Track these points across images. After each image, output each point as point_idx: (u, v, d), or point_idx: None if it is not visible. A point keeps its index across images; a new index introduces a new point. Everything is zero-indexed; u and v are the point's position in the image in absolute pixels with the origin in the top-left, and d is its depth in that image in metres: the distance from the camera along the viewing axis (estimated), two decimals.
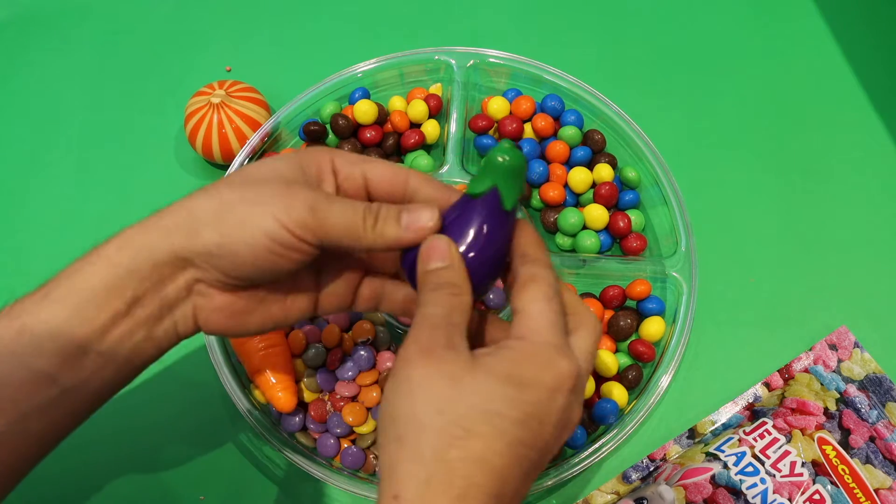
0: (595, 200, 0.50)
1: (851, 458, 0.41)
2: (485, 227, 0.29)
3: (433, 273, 0.29)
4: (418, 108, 0.53)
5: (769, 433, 0.42)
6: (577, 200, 0.51)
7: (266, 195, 0.29)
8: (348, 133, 0.52)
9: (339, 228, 0.29)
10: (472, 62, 0.54)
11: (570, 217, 0.49)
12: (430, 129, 0.53)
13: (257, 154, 0.52)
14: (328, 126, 0.53)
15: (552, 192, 0.50)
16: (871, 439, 0.43)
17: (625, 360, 0.46)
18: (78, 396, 0.30)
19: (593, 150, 0.52)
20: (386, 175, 0.32)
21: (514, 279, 0.29)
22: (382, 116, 0.53)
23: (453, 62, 0.54)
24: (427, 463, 0.25)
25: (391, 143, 0.52)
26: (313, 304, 0.34)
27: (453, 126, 0.52)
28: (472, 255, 0.29)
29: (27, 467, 0.31)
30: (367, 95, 0.54)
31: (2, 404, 0.28)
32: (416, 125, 0.54)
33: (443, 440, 0.25)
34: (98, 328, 0.29)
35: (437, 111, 0.54)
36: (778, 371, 0.47)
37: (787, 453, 0.41)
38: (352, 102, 0.54)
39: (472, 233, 0.29)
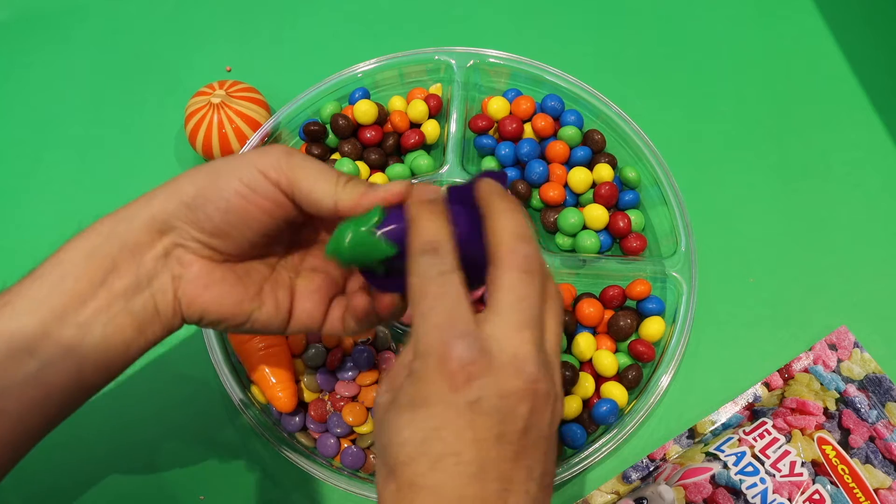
0: (595, 200, 0.50)
1: (851, 457, 0.41)
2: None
3: (424, 255, 0.27)
4: (418, 108, 0.53)
5: (769, 433, 0.42)
6: (577, 200, 0.51)
7: (243, 154, 0.31)
8: (348, 133, 0.52)
9: (311, 175, 0.30)
10: (472, 62, 0.54)
11: (570, 217, 0.49)
12: (430, 129, 0.53)
13: None
14: (328, 126, 0.53)
15: (552, 192, 0.50)
16: (871, 439, 0.43)
17: (625, 360, 0.46)
18: (56, 373, 0.29)
19: (593, 150, 0.52)
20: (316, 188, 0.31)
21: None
22: (382, 116, 0.53)
23: (453, 62, 0.54)
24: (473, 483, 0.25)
25: (391, 143, 0.52)
26: (286, 307, 0.34)
27: (453, 126, 0.52)
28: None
29: (10, 455, 0.30)
30: (367, 95, 0.54)
31: None
32: (416, 125, 0.54)
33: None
34: (76, 297, 0.29)
35: (437, 111, 0.54)
36: (778, 371, 0.47)
37: (786, 453, 0.41)
38: (352, 102, 0.54)
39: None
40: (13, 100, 0.60)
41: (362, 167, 0.51)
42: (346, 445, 0.44)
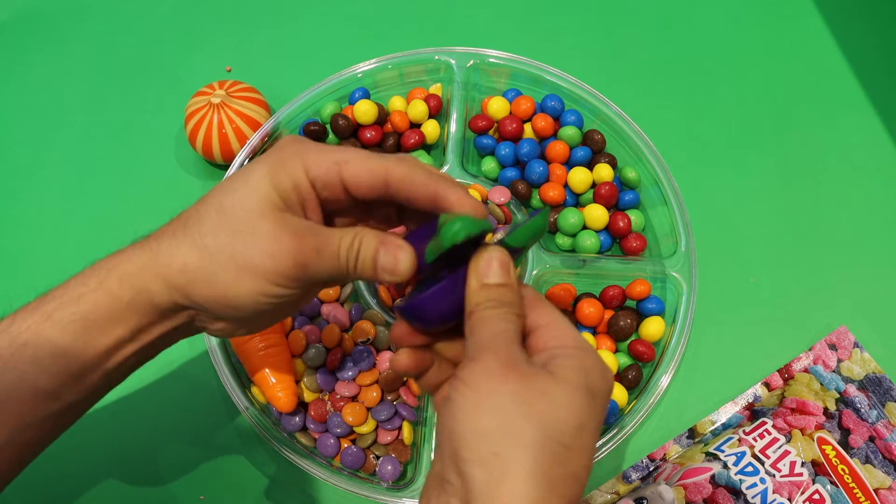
0: (595, 200, 0.50)
1: (851, 457, 0.41)
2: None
3: (495, 289, 0.28)
4: (418, 108, 0.53)
5: (769, 433, 0.42)
6: (577, 200, 0.51)
7: (254, 253, 0.29)
8: (348, 133, 0.52)
9: (326, 276, 0.30)
10: (472, 62, 0.54)
11: (570, 217, 0.49)
12: (430, 129, 0.53)
13: (257, 154, 0.52)
14: (328, 126, 0.53)
15: (552, 192, 0.50)
16: (871, 439, 0.43)
17: (625, 360, 0.46)
18: (81, 409, 0.31)
19: (593, 150, 0.52)
20: (362, 176, 0.30)
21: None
22: (382, 116, 0.53)
23: (453, 62, 0.54)
24: (532, 483, 0.24)
25: (391, 143, 0.52)
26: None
27: (453, 126, 0.52)
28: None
29: (20, 471, 0.31)
30: (367, 95, 0.54)
31: (4, 417, 0.28)
32: (416, 125, 0.54)
33: (547, 458, 0.25)
34: (103, 351, 0.30)
35: (437, 111, 0.54)
36: (778, 371, 0.47)
37: (786, 453, 0.41)
38: (352, 102, 0.54)
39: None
40: (13, 100, 0.60)
41: None
42: (346, 445, 0.44)
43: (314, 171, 0.30)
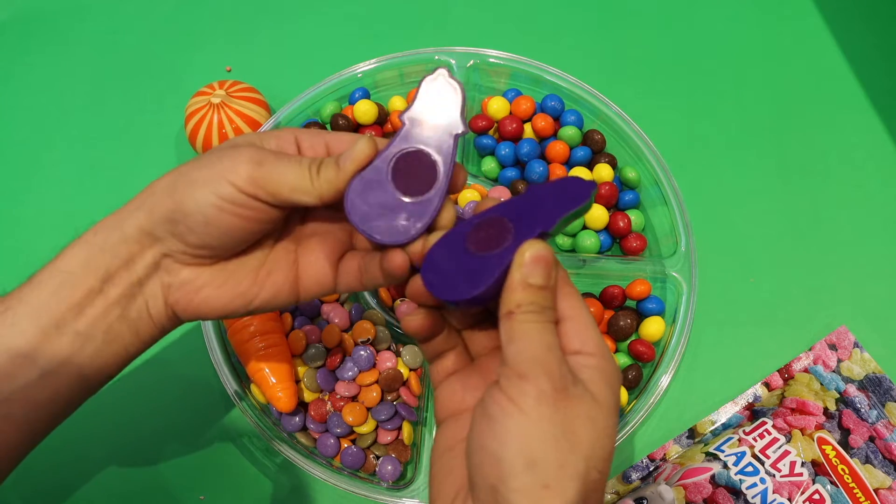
0: (595, 200, 0.50)
1: (851, 457, 0.41)
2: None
3: (538, 292, 0.26)
4: None
5: (769, 433, 0.42)
6: None
7: (214, 159, 0.30)
8: None
9: (285, 181, 0.30)
10: (472, 62, 0.54)
11: None
12: None
13: None
14: (328, 126, 0.53)
15: None
16: (871, 439, 0.43)
17: (625, 360, 0.46)
18: (58, 379, 0.30)
19: (593, 150, 0.52)
20: (346, 141, 0.32)
21: None
22: (382, 116, 0.53)
23: (453, 62, 0.54)
24: None
25: None
26: (291, 280, 0.33)
27: None
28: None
29: (15, 455, 0.30)
30: (367, 95, 0.54)
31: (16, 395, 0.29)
32: None
33: (588, 487, 0.25)
34: (74, 305, 0.30)
35: None
36: (778, 371, 0.47)
37: (786, 453, 0.41)
38: (352, 102, 0.54)
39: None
40: (13, 100, 0.60)
41: None
42: (346, 445, 0.44)
43: (302, 135, 0.32)
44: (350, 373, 0.45)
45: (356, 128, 0.53)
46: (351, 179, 0.30)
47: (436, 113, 0.30)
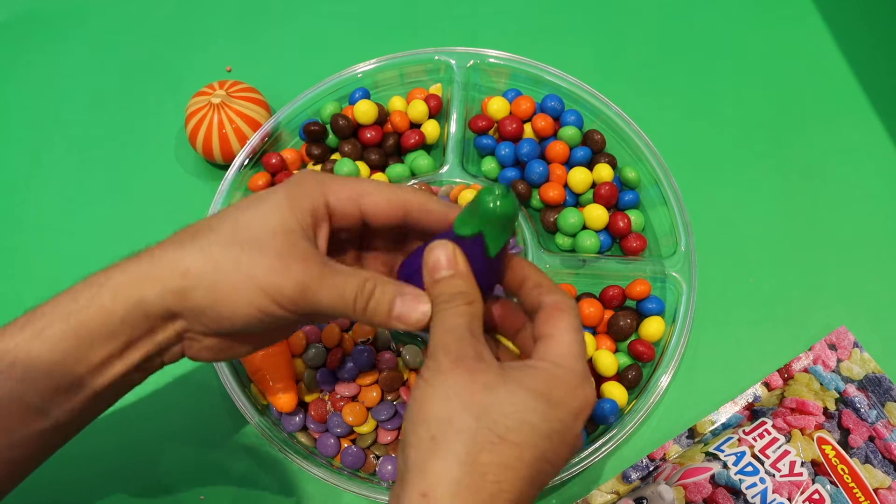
0: (595, 200, 0.50)
1: (851, 457, 0.41)
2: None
3: (444, 282, 0.30)
4: (418, 109, 0.53)
5: (769, 433, 0.42)
6: (576, 200, 0.51)
7: (259, 267, 0.29)
8: (348, 133, 0.52)
9: (328, 307, 0.30)
10: (472, 62, 0.54)
11: (569, 217, 0.49)
12: (430, 129, 0.53)
13: (257, 154, 0.52)
14: (328, 126, 0.53)
15: (552, 192, 0.50)
16: (871, 439, 0.43)
17: (624, 360, 0.46)
18: (69, 430, 0.31)
19: (593, 150, 0.52)
20: (381, 206, 0.32)
21: (534, 307, 0.31)
22: (382, 116, 0.53)
23: (453, 62, 0.54)
24: (460, 464, 0.26)
25: (391, 143, 0.52)
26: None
27: (453, 126, 0.52)
28: None
29: (10, 490, 0.31)
30: (367, 95, 0.54)
31: None
32: (415, 125, 0.54)
33: (477, 444, 0.26)
34: (92, 368, 0.29)
35: (437, 111, 0.54)
36: (777, 371, 0.47)
37: (786, 453, 0.41)
38: (352, 102, 0.54)
39: None
40: (13, 100, 0.60)
41: (362, 167, 0.51)
42: (346, 445, 0.44)
43: (333, 200, 0.31)
44: (350, 373, 0.45)
45: (356, 128, 0.53)
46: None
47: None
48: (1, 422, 0.28)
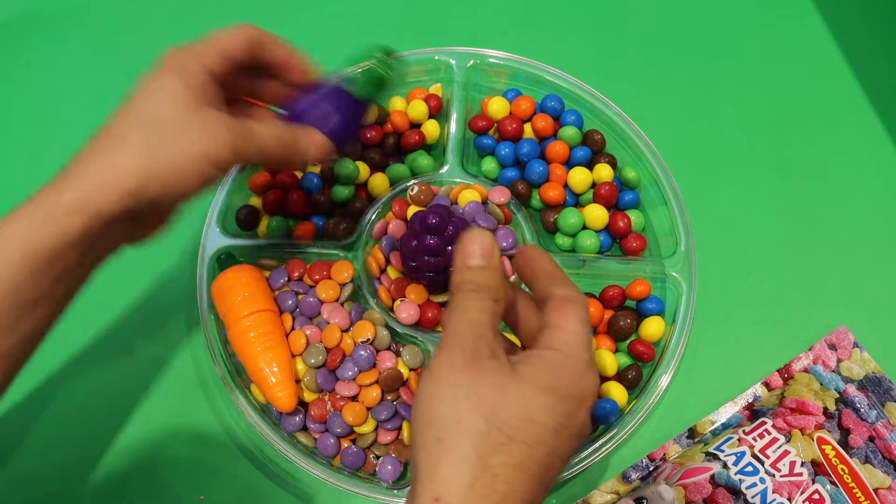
0: (595, 200, 0.50)
1: (851, 457, 0.42)
2: (345, 113, 0.40)
3: (475, 271, 0.30)
4: (418, 109, 0.53)
5: (769, 433, 0.42)
6: (576, 200, 0.51)
7: (195, 144, 0.33)
8: None
9: (254, 159, 0.36)
10: (472, 62, 0.54)
11: (569, 217, 0.49)
12: (431, 128, 0.53)
13: None
14: None
15: (552, 192, 0.50)
16: (871, 439, 0.43)
17: (624, 360, 0.46)
18: (36, 336, 0.34)
19: (593, 150, 0.52)
20: (239, 45, 0.39)
21: (545, 297, 0.31)
22: (382, 116, 0.53)
23: (453, 62, 0.54)
24: (471, 467, 0.25)
25: (391, 143, 0.52)
26: None
27: (453, 126, 0.52)
28: (333, 130, 0.40)
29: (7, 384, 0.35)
30: None
31: None
32: (416, 125, 0.54)
33: (487, 445, 0.26)
34: (53, 281, 0.33)
35: (437, 111, 0.54)
36: (777, 371, 0.47)
37: (786, 453, 0.41)
38: None
39: (336, 116, 0.40)
40: (13, 100, 0.60)
41: (362, 167, 0.51)
42: (346, 445, 0.44)
43: (208, 62, 0.36)
44: (350, 373, 0.45)
45: None
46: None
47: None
48: None
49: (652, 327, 0.46)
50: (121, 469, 0.46)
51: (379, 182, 0.51)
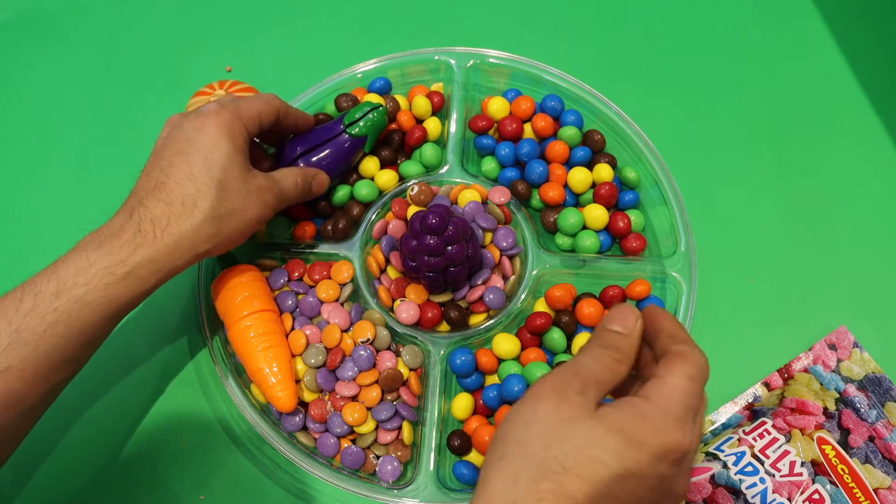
0: (595, 200, 0.50)
1: (851, 457, 0.42)
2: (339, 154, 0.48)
3: (610, 334, 0.31)
4: (421, 104, 0.53)
5: (769, 433, 0.42)
6: (576, 200, 0.51)
7: (252, 212, 0.41)
8: None
9: (286, 203, 0.44)
10: (472, 62, 0.54)
11: (569, 217, 0.49)
12: (432, 126, 0.53)
13: None
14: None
15: (552, 192, 0.50)
16: (871, 439, 0.43)
17: None
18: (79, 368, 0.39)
19: (593, 150, 0.52)
20: (269, 114, 0.44)
21: (663, 355, 0.31)
22: (391, 114, 0.53)
23: (453, 62, 0.54)
24: (518, 487, 0.26)
25: (396, 140, 0.52)
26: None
27: (453, 126, 0.52)
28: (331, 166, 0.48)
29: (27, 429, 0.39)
30: (388, 85, 0.54)
31: (38, 381, 0.36)
32: (419, 121, 0.54)
33: (540, 471, 0.27)
34: (117, 318, 0.39)
35: (440, 108, 0.54)
36: (777, 371, 0.47)
37: (786, 453, 0.41)
38: (371, 90, 0.54)
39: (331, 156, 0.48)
40: (13, 100, 0.60)
41: (373, 163, 0.51)
42: (346, 445, 0.44)
43: (249, 126, 0.42)
44: (350, 373, 0.45)
45: None
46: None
47: None
48: (42, 372, 0.35)
49: None
50: (121, 469, 0.46)
51: (387, 179, 0.51)
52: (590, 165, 0.51)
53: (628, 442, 0.27)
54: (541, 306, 0.47)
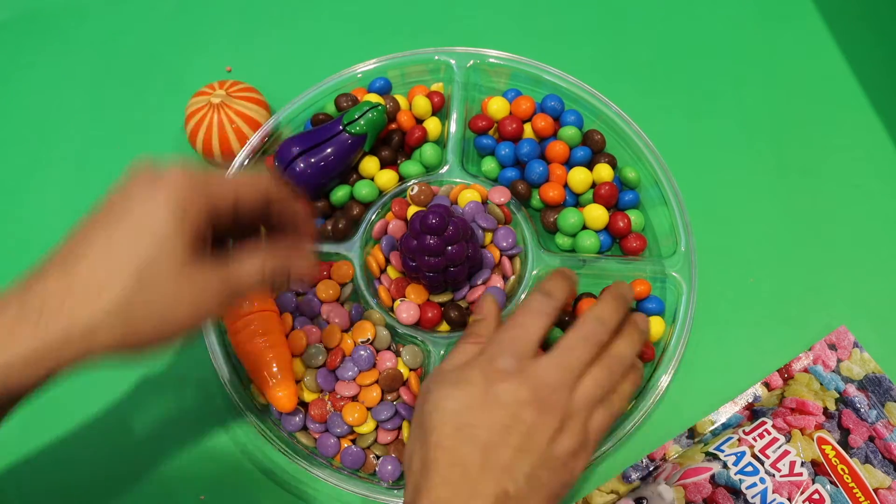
0: (595, 200, 0.50)
1: (851, 457, 0.42)
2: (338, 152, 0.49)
3: (472, 324, 0.39)
4: (421, 104, 0.53)
5: (769, 433, 0.42)
6: (576, 200, 0.51)
7: (179, 315, 0.30)
8: None
9: (239, 298, 0.37)
10: (472, 62, 0.54)
11: (569, 217, 0.49)
12: (432, 126, 0.53)
13: (257, 154, 0.52)
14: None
15: (552, 192, 0.50)
16: (871, 439, 0.43)
17: None
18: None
19: (593, 150, 0.52)
20: (252, 197, 0.34)
21: None
22: (391, 113, 0.53)
23: (453, 62, 0.54)
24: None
25: (396, 140, 0.52)
26: None
27: (453, 126, 0.52)
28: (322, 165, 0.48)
29: None
30: (388, 86, 0.54)
31: None
32: (419, 121, 0.54)
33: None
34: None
35: (440, 108, 0.54)
36: (777, 371, 0.47)
37: (786, 453, 0.41)
38: (371, 90, 0.54)
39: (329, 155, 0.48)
40: (13, 99, 0.60)
41: (373, 163, 0.51)
42: (346, 445, 0.44)
43: (217, 201, 0.32)
44: (350, 373, 0.45)
45: None
46: None
47: None
48: None
49: (652, 327, 0.46)
50: (120, 469, 0.46)
51: (387, 179, 0.51)
52: (590, 165, 0.51)
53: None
54: None
